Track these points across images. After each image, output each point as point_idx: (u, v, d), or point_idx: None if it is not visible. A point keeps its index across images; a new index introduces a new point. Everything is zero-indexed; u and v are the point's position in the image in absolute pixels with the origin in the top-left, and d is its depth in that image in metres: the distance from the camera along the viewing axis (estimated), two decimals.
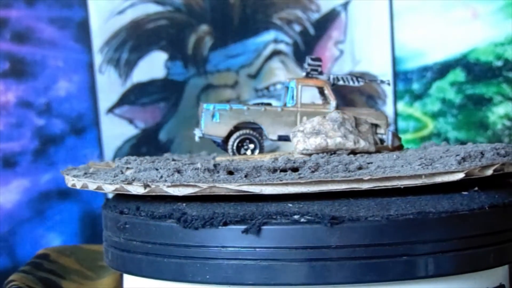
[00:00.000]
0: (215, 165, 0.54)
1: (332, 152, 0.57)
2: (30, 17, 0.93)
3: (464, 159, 0.53)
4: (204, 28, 0.96)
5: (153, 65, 0.95)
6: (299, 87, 0.62)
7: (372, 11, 0.94)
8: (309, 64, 0.63)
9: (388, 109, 0.94)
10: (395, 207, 0.52)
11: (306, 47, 0.96)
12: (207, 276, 0.52)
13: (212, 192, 0.52)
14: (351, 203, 0.52)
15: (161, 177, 0.54)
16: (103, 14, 0.94)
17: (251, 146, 0.64)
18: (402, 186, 0.52)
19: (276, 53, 0.96)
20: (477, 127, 0.93)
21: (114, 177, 0.57)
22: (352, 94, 0.93)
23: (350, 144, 0.56)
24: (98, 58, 0.94)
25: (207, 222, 0.52)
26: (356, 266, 0.50)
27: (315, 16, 0.96)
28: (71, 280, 0.76)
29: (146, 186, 0.54)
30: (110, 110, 0.95)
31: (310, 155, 0.57)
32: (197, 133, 0.66)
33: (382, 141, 0.62)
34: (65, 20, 0.93)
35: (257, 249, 0.51)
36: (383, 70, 0.94)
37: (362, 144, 0.57)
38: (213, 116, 0.63)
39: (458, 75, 0.93)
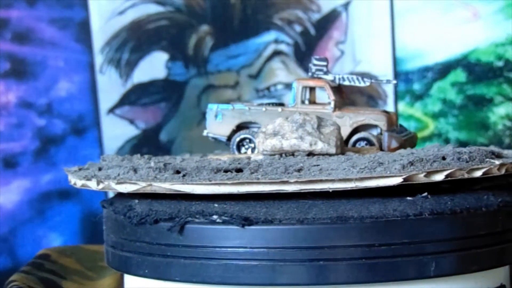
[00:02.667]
0: (164, 165, 0.56)
1: (290, 153, 0.57)
2: (31, 17, 0.93)
3: (412, 163, 0.52)
4: (204, 28, 0.96)
5: (154, 66, 0.95)
6: (299, 87, 0.62)
7: (373, 11, 0.94)
8: (314, 64, 0.63)
9: (389, 109, 0.94)
10: (316, 210, 0.51)
11: (307, 47, 0.96)
12: (146, 271, 0.56)
13: (152, 190, 0.53)
14: (274, 205, 0.52)
15: (118, 174, 0.56)
16: (103, 15, 0.94)
17: (251, 145, 0.64)
18: (331, 190, 0.51)
19: (276, 53, 0.96)
20: (478, 128, 0.93)
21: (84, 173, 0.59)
22: (353, 95, 0.93)
23: (305, 146, 0.56)
24: (99, 59, 0.94)
25: (142, 219, 0.54)
26: (269, 268, 0.51)
27: (316, 16, 0.96)
28: (71, 280, 0.76)
29: (99, 182, 0.56)
30: (111, 110, 0.95)
31: (271, 155, 0.58)
32: (204, 132, 0.66)
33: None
34: (66, 20, 0.93)
35: (181, 247, 0.53)
36: (384, 71, 0.94)
37: (320, 146, 0.56)
38: (216, 115, 0.64)
39: (459, 75, 0.93)
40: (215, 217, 0.51)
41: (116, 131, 0.95)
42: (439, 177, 0.52)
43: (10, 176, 0.93)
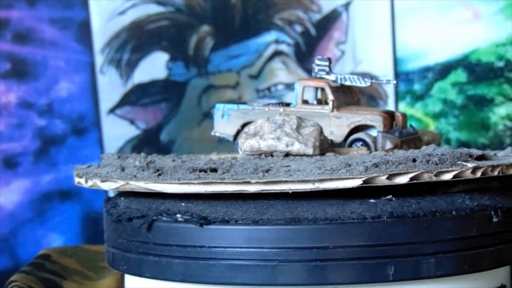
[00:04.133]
0: (147, 164, 0.57)
1: (269, 154, 0.57)
2: (31, 17, 0.93)
3: (377, 165, 0.52)
4: (205, 28, 0.96)
5: (154, 66, 0.95)
6: (300, 88, 0.62)
7: (373, 11, 0.94)
8: (317, 64, 0.63)
9: (390, 109, 0.94)
10: (273, 211, 0.52)
11: (308, 47, 0.96)
12: (124, 267, 0.58)
13: (131, 189, 0.55)
14: (235, 205, 0.53)
15: (107, 172, 0.57)
16: (104, 15, 0.94)
17: None
18: (290, 191, 0.51)
19: (277, 53, 0.96)
20: (479, 128, 0.93)
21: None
22: None
23: (282, 147, 0.56)
24: (99, 59, 0.94)
25: (119, 216, 0.56)
26: (226, 267, 0.52)
27: (316, 16, 0.96)
28: (72, 280, 0.76)
29: (87, 180, 0.58)
30: (111, 110, 0.95)
31: (252, 155, 0.58)
32: (212, 132, 0.68)
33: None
34: (66, 20, 0.93)
35: (151, 245, 0.54)
36: (384, 71, 0.94)
37: (297, 146, 0.56)
38: (222, 115, 0.64)
39: (460, 75, 0.93)
40: (178, 216, 0.52)
41: (117, 131, 0.95)
42: (403, 179, 0.52)
43: (11, 176, 0.93)
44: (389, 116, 0.62)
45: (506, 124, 0.92)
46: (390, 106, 0.94)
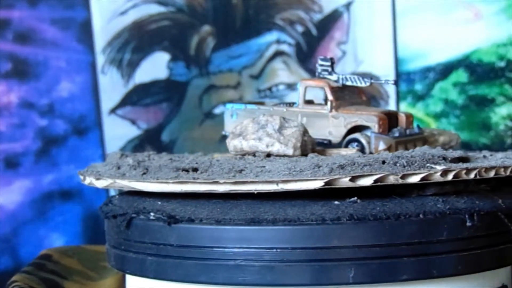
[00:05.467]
0: (138, 162, 0.58)
1: (251, 154, 0.58)
2: (33, 17, 0.93)
3: (342, 167, 0.52)
4: (206, 28, 0.96)
5: (156, 66, 0.95)
6: (302, 88, 0.63)
7: (375, 11, 0.94)
8: (320, 65, 0.63)
9: (392, 109, 0.94)
10: (236, 211, 0.52)
11: (309, 47, 0.96)
12: (113, 263, 0.60)
13: (120, 187, 0.57)
14: (205, 204, 0.54)
15: (104, 171, 0.59)
16: (105, 15, 0.94)
17: None
18: (255, 192, 0.51)
19: (278, 53, 0.96)
20: (480, 128, 0.93)
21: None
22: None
23: (262, 147, 0.57)
24: (100, 59, 0.94)
25: (107, 213, 0.58)
26: (191, 265, 0.52)
27: (318, 16, 0.96)
28: (73, 280, 0.76)
29: (84, 178, 0.60)
30: (113, 110, 0.95)
31: (236, 155, 0.59)
32: (223, 131, 0.69)
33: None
34: (68, 20, 0.93)
35: (132, 242, 0.55)
36: (385, 71, 0.94)
37: (277, 147, 0.56)
38: (232, 115, 0.64)
39: (461, 75, 0.93)
40: (152, 214, 0.53)
41: (118, 131, 0.95)
42: (367, 181, 0.51)
43: (12, 176, 0.93)
44: (389, 117, 0.61)
45: (507, 124, 0.92)
46: (392, 106, 0.94)
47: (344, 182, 0.51)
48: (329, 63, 0.63)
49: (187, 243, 0.52)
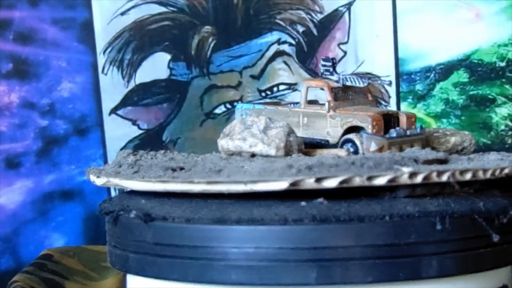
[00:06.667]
0: (135, 161, 0.60)
1: (238, 154, 0.58)
2: (33, 17, 0.93)
3: (310, 168, 0.51)
4: (207, 29, 0.96)
5: (157, 66, 0.95)
6: (304, 88, 0.63)
7: (375, 12, 0.94)
8: (322, 65, 0.63)
9: (392, 109, 0.94)
10: (206, 211, 0.53)
11: (310, 48, 0.96)
12: (108, 258, 0.61)
13: (114, 185, 0.58)
14: (180, 203, 0.55)
15: (106, 169, 0.60)
16: (106, 15, 0.94)
17: None
18: (227, 192, 0.52)
19: (279, 54, 0.96)
20: (480, 128, 0.93)
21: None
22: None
23: (246, 147, 0.57)
24: (101, 59, 0.94)
25: (101, 211, 0.59)
26: (165, 263, 0.53)
27: (319, 17, 0.96)
28: (74, 281, 0.76)
29: (88, 175, 0.61)
30: (114, 111, 0.95)
31: (229, 155, 0.59)
32: None
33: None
34: (69, 20, 0.93)
35: (120, 239, 0.57)
36: (386, 71, 0.94)
37: (259, 147, 0.57)
38: (241, 115, 0.65)
39: (461, 76, 0.93)
40: (133, 212, 0.54)
41: (119, 131, 0.95)
42: (332, 183, 0.51)
43: (13, 176, 0.93)
44: (388, 118, 0.61)
45: (508, 124, 0.92)
46: (392, 107, 0.94)
47: (309, 183, 0.51)
48: (330, 64, 0.63)
49: (161, 241, 0.53)
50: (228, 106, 0.96)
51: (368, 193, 0.53)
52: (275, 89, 0.96)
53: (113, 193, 0.92)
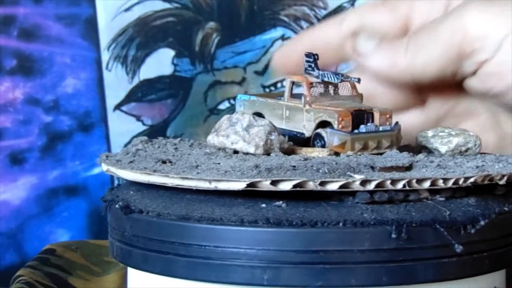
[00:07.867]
0: (136, 150, 0.61)
1: (223, 150, 0.59)
2: (38, 14, 0.93)
3: (270, 170, 0.52)
4: (211, 25, 0.96)
5: (161, 62, 0.96)
6: (288, 82, 0.64)
7: None
8: (306, 61, 0.64)
9: None
10: (176, 207, 0.53)
11: None
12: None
13: (113, 173, 0.59)
14: (158, 197, 0.55)
15: (114, 157, 0.61)
16: (110, 11, 0.94)
17: None
18: (195, 188, 0.53)
19: None
20: None
21: None
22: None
23: (228, 144, 0.58)
24: (105, 55, 0.95)
25: (102, 198, 0.59)
26: (139, 254, 0.55)
27: (323, 13, 0.96)
28: (77, 275, 0.76)
29: (100, 161, 0.61)
30: (118, 106, 0.95)
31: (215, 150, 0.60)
32: None
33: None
34: (73, 17, 0.94)
35: (112, 228, 0.58)
36: None
37: (240, 145, 0.58)
38: (240, 106, 0.66)
39: None
40: (119, 203, 0.56)
41: (123, 127, 0.95)
42: (286, 186, 0.51)
43: (17, 172, 0.93)
44: (359, 114, 0.61)
45: None
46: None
47: (266, 185, 0.51)
48: (312, 59, 0.64)
49: (137, 233, 0.54)
50: (232, 102, 0.97)
51: (335, 196, 0.53)
52: (279, 84, 0.97)
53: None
